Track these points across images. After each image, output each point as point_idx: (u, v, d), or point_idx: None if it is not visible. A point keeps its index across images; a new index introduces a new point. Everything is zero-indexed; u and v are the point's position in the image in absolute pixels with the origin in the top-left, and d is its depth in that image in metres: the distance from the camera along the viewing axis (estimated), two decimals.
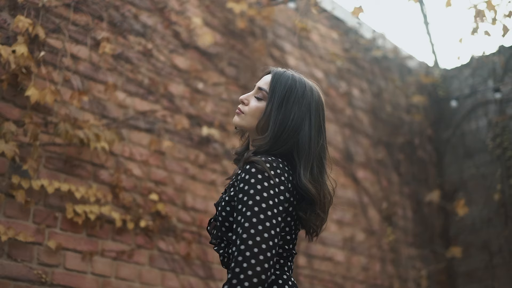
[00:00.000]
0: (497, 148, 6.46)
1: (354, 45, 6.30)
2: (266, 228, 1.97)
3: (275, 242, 1.98)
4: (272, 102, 2.20)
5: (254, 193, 2.01)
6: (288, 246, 2.15)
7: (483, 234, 6.42)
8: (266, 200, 2.01)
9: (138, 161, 4.19)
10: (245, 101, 2.28)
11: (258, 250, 1.93)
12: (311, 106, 2.22)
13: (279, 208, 2.03)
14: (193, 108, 4.61)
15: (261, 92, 2.25)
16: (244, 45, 5.14)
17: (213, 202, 4.56)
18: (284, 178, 2.08)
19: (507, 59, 6.57)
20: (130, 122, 4.21)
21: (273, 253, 1.96)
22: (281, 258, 2.15)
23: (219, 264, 4.46)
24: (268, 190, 2.02)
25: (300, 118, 2.18)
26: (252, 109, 2.24)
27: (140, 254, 4.05)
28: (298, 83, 2.23)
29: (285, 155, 2.16)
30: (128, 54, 4.30)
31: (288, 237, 2.14)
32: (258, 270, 1.92)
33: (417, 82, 6.87)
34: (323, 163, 2.21)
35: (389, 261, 5.93)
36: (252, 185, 2.03)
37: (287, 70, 2.29)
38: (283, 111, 2.17)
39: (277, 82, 2.23)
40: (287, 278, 2.13)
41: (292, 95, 2.20)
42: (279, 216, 2.02)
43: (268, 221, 1.98)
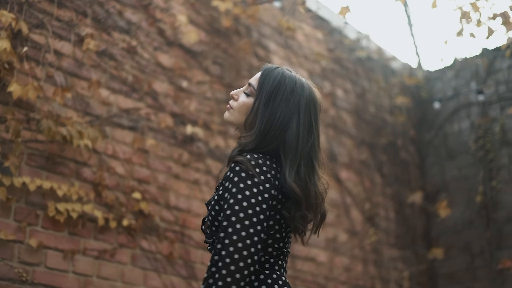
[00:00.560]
0: (480, 150, 6.48)
1: (339, 45, 6.29)
2: (246, 227, 1.95)
3: (256, 240, 1.95)
4: (259, 98, 2.17)
5: (236, 191, 2.00)
6: (278, 244, 2.11)
7: (465, 236, 6.44)
8: (248, 199, 1.98)
9: (121, 159, 4.14)
10: (235, 96, 2.27)
11: (236, 249, 1.91)
12: (300, 104, 2.17)
13: (263, 206, 2.00)
14: (177, 106, 4.58)
15: (249, 88, 2.23)
16: (229, 43, 5.11)
17: (196, 202, 4.53)
18: (271, 176, 2.06)
19: (490, 62, 6.60)
20: (114, 120, 4.16)
21: (252, 251, 1.93)
22: (271, 257, 2.11)
23: (201, 264, 4.43)
24: (251, 188, 2.00)
25: (287, 116, 2.14)
26: (240, 104, 2.23)
27: (123, 253, 4.01)
28: (288, 80, 2.19)
29: (274, 152, 2.13)
30: (112, 51, 4.25)
31: (277, 236, 2.10)
32: (239, 267, 1.90)
33: (401, 83, 6.87)
34: (313, 163, 2.15)
35: (371, 262, 5.93)
36: (235, 183, 2.01)
37: (280, 66, 2.25)
38: (270, 108, 2.14)
39: (265, 78, 2.20)
40: (277, 277, 2.09)
41: (280, 92, 2.16)
42: (262, 214, 1.99)
43: (249, 219, 1.96)
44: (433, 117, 6.99)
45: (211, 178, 4.68)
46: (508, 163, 6.32)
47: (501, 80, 6.54)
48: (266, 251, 2.09)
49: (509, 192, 6.24)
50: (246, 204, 1.98)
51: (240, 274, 1.90)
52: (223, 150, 4.82)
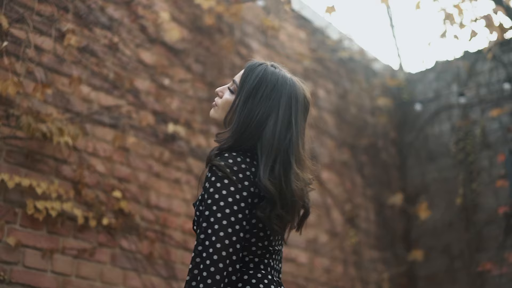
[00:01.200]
0: (460, 153, 6.49)
1: (321, 45, 6.27)
2: (224, 226, 1.93)
3: (235, 240, 1.93)
4: (240, 95, 2.14)
5: (213, 191, 1.98)
6: (262, 243, 2.06)
7: (444, 238, 6.45)
8: (225, 198, 1.96)
9: (101, 157, 4.08)
10: (220, 93, 2.24)
11: (215, 250, 1.90)
12: (281, 101, 2.12)
13: (241, 205, 1.97)
14: (159, 104, 4.52)
15: (233, 85, 2.20)
16: (211, 42, 5.06)
17: (177, 201, 4.49)
18: (250, 173, 2.03)
19: (472, 64, 6.61)
20: (94, 117, 4.10)
21: (231, 251, 1.91)
22: (255, 256, 2.07)
23: (182, 264, 4.38)
24: (228, 187, 1.98)
25: (266, 113, 2.10)
26: (223, 102, 2.20)
27: (102, 253, 3.94)
28: (270, 77, 2.15)
29: (252, 149, 2.09)
30: (94, 47, 4.19)
31: (261, 234, 2.05)
32: (218, 268, 1.88)
33: (382, 84, 6.87)
34: (290, 160, 2.08)
35: (352, 263, 5.91)
36: (212, 183, 1.99)
37: (264, 62, 2.21)
38: (249, 105, 2.11)
39: (248, 75, 2.16)
40: (262, 276, 2.05)
41: (261, 89, 2.12)
42: (240, 212, 1.97)
43: (227, 219, 1.94)
44: (414, 119, 7.00)
45: (192, 177, 4.63)
46: (489, 166, 6.33)
47: (482, 82, 6.56)
48: (249, 251, 2.05)
49: (489, 194, 6.26)
50: (223, 203, 1.96)
51: (220, 276, 1.88)
52: (205, 149, 4.77)
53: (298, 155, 2.11)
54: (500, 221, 6.10)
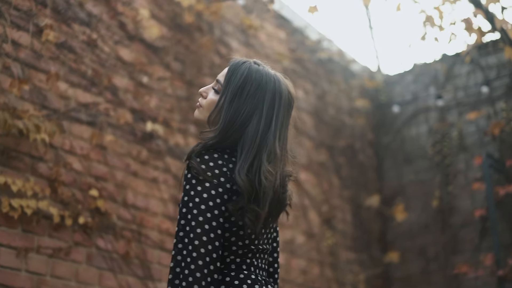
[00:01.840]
0: (437, 155, 6.51)
1: (300, 46, 6.25)
2: (201, 223, 1.93)
3: (213, 236, 1.93)
4: (225, 95, 2.11)
5: (189, 188, 1.98)
6: (243, 242, 2.04)
7: (420, 240, 6.46)
8: (200, 194, 1.96)
9: (78, 155, 4.02)
10: (204, 94, 2.20)
11: (194, 247, 1.90)
12: (265, 98, 2.10)
13: (216, 201, 1.96)
14: (137, 102, 4.47)
15: (217, 85, 2.17)
16: (191, 40, 5.02)
17: (154, 200, 4.44)
18: (227, 169, 2.02)
19: (450, 67, 6.64)
20: (72, 114, 4.03)
21: (210, 248, 1.91)
22: (237, 256, 2.04)
23: (158, 264, 4.34)
24: (203, 183, 1.97)
25: (251, 111, 2.09)
26: (208, 102, 2.17)
27: (78, 252, 3.88)
28: (255, 75, 2.13)
29: (234, 146, 2.08)
30: (72, 43, 4.12)
31: (241, 232, 2.02)
32: (198, 265, 1.89)
33: (360, 86, 6.87)
34: (261, 155, 2.04)
35: (328, 265, 5.90)
36: (188, 180, 1.99)
37: (248, 60, 2.19)
38: (235, 104, 2.09)
39: (232, 74, 2.14)
40: (245, 277, 2.02)
41: (246, 88, 2.10)
42: (216, 209, 1.96)
43: (202, 215, 1.94)
44: (391, 120, 7.01)
45: (170, 177, 4.59)
46: (465, 169, 6.36)
47: (459, 85, 6.59)
48: (230, 250, 2.03)
49: (465, 197, 6.28)
50: (199, 199, 1.95)
51: (200, 273, 1.88)
52: (183, 148, 4.73)
53: (272, 150, 2.07)
54: (475, 223, 6.13)
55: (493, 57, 6.40)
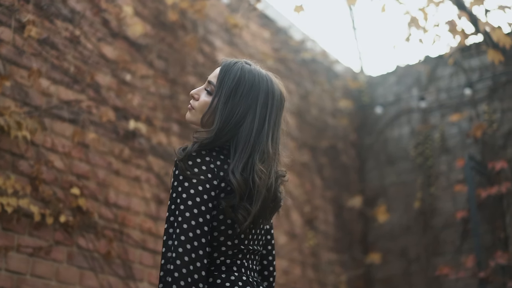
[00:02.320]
0: (419, 157, 6.52)
1: (284, 46, 6.23)
2: (186, 219, 1.93)
3: (198, 233, 1.93)
4: (219, 96, 2.11)
5: (177, 185, 1.99)
6: (231, 241, 2.03)
7: (402, 241, 6.47)
8: (187, 191, 1.97)
9: (60, 153, 3.97)
10: (196, 95, 2.19)
11: (178, 242, 1.91)
12: (258, 98, 2.12)
13: (204, 197, 1.97)
14: (120, 100, 4.42)
15: (210, 86, 2.16)
16: (175, 38, 4.98)
17: (136, 199, 4.39)
18: (214, 166, 2.02)
19: (432, 69, 6.65)
20: (53, 112, 3.98)
21: (195, 244, 1.91)
22: (227, 257, 2.03)
23: (140, 264, 4.29)
24: (190, 180, 1.97)
25: (245, 111, 2.09)
26: (201, 104, 2.16)
27: (58, 251, 3.83)
28: (248, 75, 2.14)
29: (226, 145, 2.09)
30: (54, 40, 4.07)
31: (229, 232, 2.02)
32: (179, 263, 1.89)
33: (344, 87, 6.86)
34: (254, 154, 2.05)
35: (310, 265, 5.88)
36: (175, 176, 2.01)
37: (239, 60, 2.20)
38: (229, 105, 2.09)
39: (225, 75, 2.14)
40: (236, 279, 2.01)
41: (240, 89, 2.11)
42: (203, 205, 1.96)
43: (189, 211, 1.94)
44: (374, 121, 7.01)
45: (152, 175, 4.54)
46: (447, 170, 6.38)
47: (442, 87, 6.61)
48: (220, 251, 2.02)
49: (447, 199, 6.30)
50: (186, 196, 1.96)
51: (186, 269, 1.88)
52: (165, 147, 4.69)
53: (265, 150, 2.07)
54: (457, 225, 6.15)
55: (476, 59, 6.42)
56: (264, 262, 2.24)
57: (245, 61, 2.21)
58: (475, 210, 5.60)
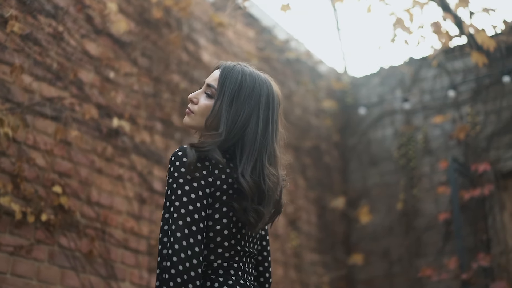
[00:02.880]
0: (402, 158, 6.52)
1: (268, 45, 6.21)
2: (181, 215, 1.93)
3: (194, 230, 1.93)
4: (221, 99, 2.12)
5: (171, 182, 1.99)
6: (228, 242, 2.02)
7: (384, 242, 6.46)
8: (182, 187, 1.97)
9: (42, 150, 3.91)
10: (194, 99, 2.19)
11: (174, 239, 1.91)
12: (260, 100, 2.13)
13: (199, 194, 1.97)
14: (103, 97, 4.37)
15: (210, 89, 2.17)
16: (159, 36, 4.94)
17: (119, 198, 4.34)
18: (209, 164, 2.02)
19: (416, 70, 6.65)
20: (36, 108, 3.92)
21: (191, 241, 1.90)
22: (224, 260, 2.02)
23: (122, 263, 4.25)
24: (185, 176, 1.98)
25: (249, 114, 2.10)
26: (202, 107, 2.16)
27: (40, 250, 3.77)
28: (249, 78, 2.15)
29: (229, 147, 2.09)
30: (37, 36, 4.01)
31: (225, 232, 2.02)
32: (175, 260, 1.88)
33: (327, 87, 6.85)
34: (263, 158, 2.08)
35: (292, 266, 5.86)
36: (170, 173, 2.01)
37: (237, 63, 2.20)
38: (234, 108, 2.10)
39: (226, 78, 2.15)
40: (234, 283, 2.00)
41: (242, 91, 2.12)
42: (198, 201, 1.96)
43: (184, 207, 1.95)
44: (357, 122, 7.00)
45: (135, 174, 4.50)
46: (430, 172, 6.38)
47: (425, 89, 6.61)
48: (216, 253, 2.01)
49: (430, 200, 6.30)
50: (181, 192, 1.96)
51: (182, 266, 1.88)
52: (149, 146, 4.64)
53: (272, 152, 2.11)
54: (439, 227, 6.15)
55: (460, 61, 6.43)
56: (260, 269, 2.25)
57: (244, 64, 2.22)
58: (458, 212, 5.60)
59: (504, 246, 5.76)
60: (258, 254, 2.23)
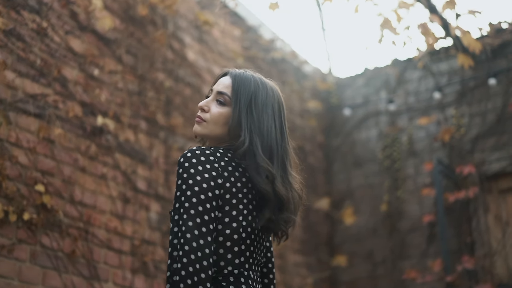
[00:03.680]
0: (386, 159, 6.51)
1: (254, 44, 6.17)
2: (191, 216, 1.91)
3: (204, 231, 1.90)
4: (238, 106, 2.09)
5: (180, 183, 1.97)
6: (238, 247, 1.99)
7: (368, 244, 6.44)
8: (191, 187, 1.94)
9: (24, 148, 3.83)
10: (206, 108, 2.15)
11: (184, 240, 1.88)
12: (274, 107, 2.13)
13: (208, 195, 1.94)
14: (87, 95, 4.30)
15: (222, 96, 2.13)
16: (144, 33, 4.87)
17: (102, 197, 4.28)
18: (218, 166, 1.99)
19: (401, 72, 6.64)
20: (19, 105, 3.84)
21: (201, 242, 1.87)
22: (234, 267, 1.99)
23: (105, 264, 4.18)
24: (194, 176, 1.94)
25: (265, 120, 2.09)
26: (216, 115, 2.12)
27: (21, 250, 3.69)
28: (261, 85, 2.14)
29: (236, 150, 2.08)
30: (21, 31, 3.93)
31: (235, 236, 1.98)
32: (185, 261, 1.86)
33: (313, 87, 6.82)
34: (285, 164, 2.10)
35: (276, 268, 5.82)
36: (179, 175, 1.98)
37: (245, 70, 2.19)
38: (252, 115, 2.08)
39: (240, 85, 2.12)
40: None
41: (258, 98, 2.11)
42: (207, 202, 1.93)
43: (193, 208, 1.91)
44: (341, 123, 6.98)
45: (119, 173, 4.43)
46: (414, 174, 6.37)
47: (410, 91, 6.60)
48: (226, 259, 1.98)
49: (414, 202, 6.29)
50: (190, 193, 1.93)
51: (192, 267, 1.85)
52: (133, 144, 4.58)
53: (292, 158, 2.15)
54: (423, 229, 6.14)
55: (445, 63, 6.43)
56: (265, 281, 2.23)
57: (253, 71, 2.22)
58: (443, 214, 5.59)
59: (488, 248, 5.76)
60: (264, 265, 2.21)
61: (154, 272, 4.54)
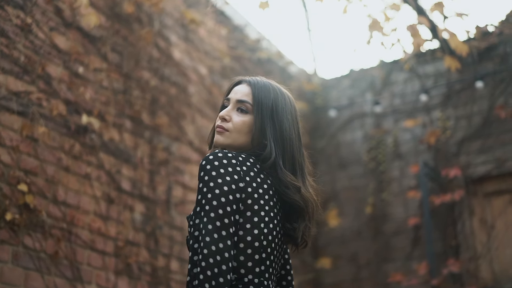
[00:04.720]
0: (371, 161, 6.48)
1: (240, 44, 6.11)
2: (211, 219, 1.88)
3: (223, 234, 1.87)
4: (261, 114, 2.09)
5: (201, 186, 1.95)
6: (259, 255, 1.95)
7: (352, 246, 6.41)
8: (213, 190, 1.92)
9: (7, 147, 3.74)
10: (227, 117, 2.11)
11: (204, 243, 1.85)
12: (292, 115, 2.14)
13: (229, 197, 1.92)
14: (72, 93, 4.22)
15: (244, 105, 2.12)
16: (130, 31, 4.80)
17: (86, 197, 4.20)
18: (240, 169, 1.98)
19: (387, 74, 6.62)
20: (2, 103, 3.75)
21: (220, 246, 1.84)
22: (254, 275, 1.94)
23: (88, 265, 4.11)
24: (216, 179, 1.93)
25: (286, 127, 2.10)
26: (239, 124, 2.11)
27: (3, 250, 3.60)
28: (279, 92, 2.16)
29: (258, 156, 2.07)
30: (4, 27, 3.84)
31: (256, 244, 1.95)
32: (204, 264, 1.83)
33: (298, 88, 6.77)
34: (304, 172, 2.15)
35: None
36: (201, 178, 1.97)
37: (260, 77, 2.21)
38: (274, 123, 2.09)
39: (260, 93, 2.13)
40: None
41: (279, 105, 2.12)
42: (228, 206, 1.91)
43: (213, 211, 1.89)
44: (326, 124, 6.94)
45: (103, 173, 4.36)
46: (399, 176, 6.34)
47: (396, 93, 6.58)
48: (246, 267, 1.94)
49: (398, 205, 6.26)
50: (211, 195, 1.92)
51: (210, 270, 1.82)
52: (117, 144, 4.51)
53: (308, 165, 2.19)
54: (408, 232, 6.12)
55: (431, 66, 6.41)
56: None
57: (265, 78, 2.23)
58: (428, 217, 5.57)
59: (473, 252, 5.75)
60: (282, 279, 2.18)
61: (137, 274, 4.47)
